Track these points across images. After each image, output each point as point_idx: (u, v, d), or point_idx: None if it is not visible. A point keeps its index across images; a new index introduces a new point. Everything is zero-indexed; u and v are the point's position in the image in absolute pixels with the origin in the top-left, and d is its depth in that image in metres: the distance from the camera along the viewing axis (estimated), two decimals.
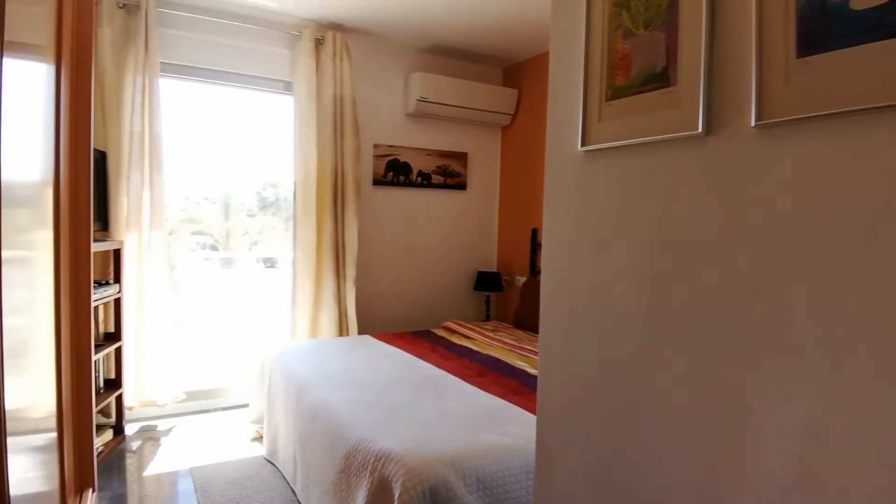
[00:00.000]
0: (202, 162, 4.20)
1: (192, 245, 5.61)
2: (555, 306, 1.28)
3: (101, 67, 3.14)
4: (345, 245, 3.78)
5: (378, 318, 4.14)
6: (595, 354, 1.16)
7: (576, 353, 1.21)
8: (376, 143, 4.07)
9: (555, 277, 1.28)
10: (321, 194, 3.68)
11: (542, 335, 1.31)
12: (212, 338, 4.81)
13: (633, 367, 1.07)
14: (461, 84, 4.13)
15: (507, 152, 4.58)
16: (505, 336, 3.42)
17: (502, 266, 4.61)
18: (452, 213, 4.46)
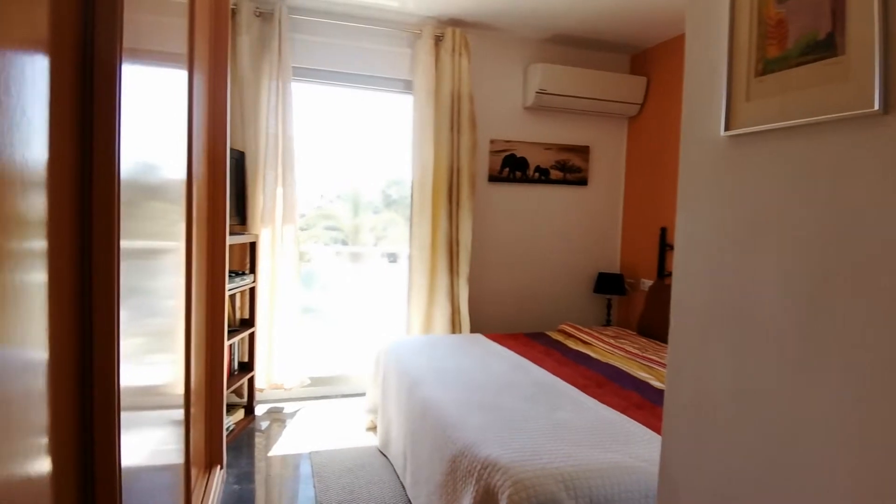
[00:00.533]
0: (332, 160, 4.42)
1: (325, 239, 5.98)
2: (687, 318, 1.11)
3: (240, 73, 3.39)
4: (459, 242, 3.76)
5: (491, 317, 4.08)
6: (734, 376, 0.98)
7: (711, 373, 1.04)
8: (493, 138, 4.00)
9: (688, 285, 1.11)
10: (437, 191, 3.69)
11: (671, 351, 1.14)
12: (337, 327, 5.04)
13: (781, 392, 0.88)
14: (584, 74, 3.92)
15: (635, 145, 4.28)
16: (627, 344, 3.19)
17: (626, 268, 4.32)
18: (572, 209, 4.26)
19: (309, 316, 5.39)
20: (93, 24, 0.81)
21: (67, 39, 0.75)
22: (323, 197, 6.41)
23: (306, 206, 7.45)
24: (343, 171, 4.64)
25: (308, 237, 6.80)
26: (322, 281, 5.34)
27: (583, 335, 3.41)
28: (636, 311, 4.17)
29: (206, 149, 2.31)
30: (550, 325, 4.15)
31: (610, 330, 3.60)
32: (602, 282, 4.16)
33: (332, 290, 5.56)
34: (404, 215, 4.74)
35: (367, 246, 5.69)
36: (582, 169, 4.24)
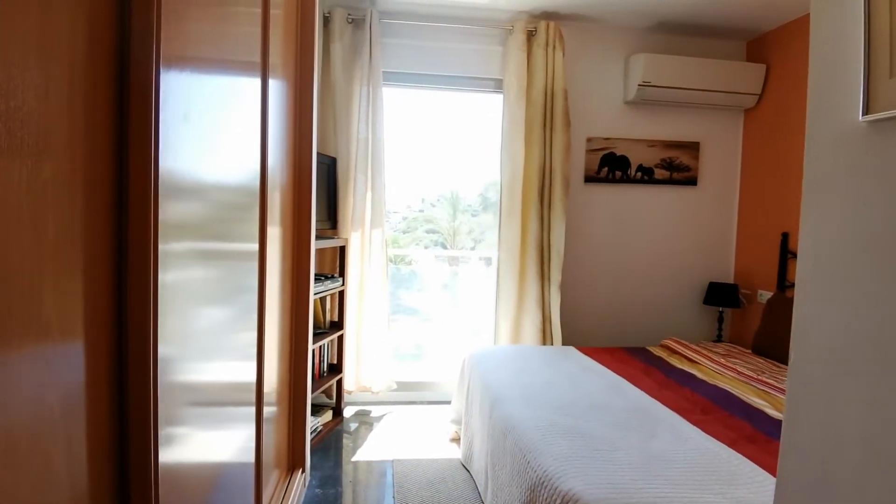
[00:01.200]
0: (426, 163, 4.42)
1: (426, 242, 6.01)
2: (812, 348, 0.89)
3: (332, 80, 3.45)
4: (550, 247, 3.56)
5: (585, 329, 3.82)
6: (869, 421, 0.75)
7: (840, 414, 0.81)
8: (590, 136, 3.75)
9: (814, 308, 0.89)
10: (527, 193, 3.52)
11: (791, 383, 0.92)
12: (428, 331, 5.03)
13: None
14: (693, 63, 3.56)
15: (752, 140, 3.83)
16: (740, 364, 2.82)
17: (741, 277, 3.88)
18: (679, 212, 3.90)
19: (405, 319, 5.43)
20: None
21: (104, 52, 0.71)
22: (424, 200, 6.46)
23: (407, 209, 7.53)
24: (439, 174, 4.63)
25: (410, 240, 6.85)
26: (420, 283, 5.36)
27: (689, 352, 3.07)
28: (751, 327, 3.72)
29: (292, 155, 2.34)
30: (652, 340, 3.82)
31: (720, 347, 3.22)
32: (713, 292, 3.76)
33: (430, 292, 5.57)
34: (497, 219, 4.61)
35: (464, 249, 5.65)
36: (691, 167, 3.86)
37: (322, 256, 3.52)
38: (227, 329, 1.31)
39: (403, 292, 6.29)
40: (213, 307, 1.21)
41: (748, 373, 2.62)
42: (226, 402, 1.35)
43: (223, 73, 1.22)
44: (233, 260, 1.36)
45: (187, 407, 1.03)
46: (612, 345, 3.78)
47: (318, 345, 3.11)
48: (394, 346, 3.60)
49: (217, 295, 1.22)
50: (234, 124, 1.31)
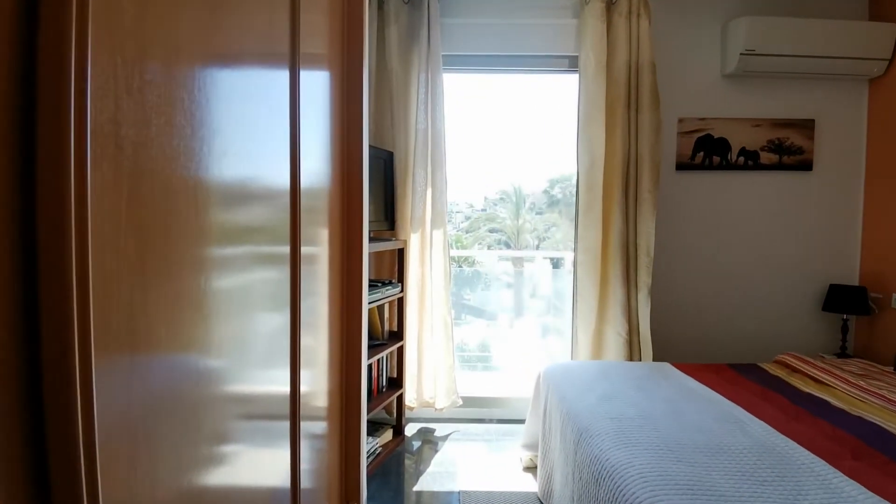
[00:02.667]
0: (490, 157, 4.07)
1: (489, 241, 5.75)
2: None
3: (388, 67, 3.15)
4: (637, 246, 3.10)
5: (680, 342, 3.33)
6: None
7: None
8: (681, 116, 3.25)
9: None
10: (609, 184, 3.08)
11: None
12: (494, 339, 4.67)
13: None
14: (806, 25, 2.99)
15: (880, 114, 3.20)
16: (884, 387, 2.27)
17: (869, 278, 3.25)
18: (791, 202, 3.32)
19: (470, 325, 5.10)
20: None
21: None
22: (487, 199, 6.18)
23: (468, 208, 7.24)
24: (503, 168, 4.28)
25: (473, 240, 6.55)
26: (485, 284, 5.06)
27: (815, 371, 2.54)
28: (887, 338, 3.10)
29: (339, 150, 2.05)
30: (763, 354, 3.27)
31: (852, 364, 2.66)
32: (835, 297, 3.17)
33: (496, 295, 5.25)
34: (568, 216, 4.23)
35: (529, 249, 5.32)
36: (804, 149, 3.28)
37: (379, 260, 3.23)
38: (256, 338, 1.03)
39: (468, 294, 5.96)
40: (236, 315, 0.93)
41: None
42: (244, 416, 1.06)
43: (229, 67, 0.91)
44: (263, 265, 1.09)
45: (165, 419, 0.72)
46: (714, 360, 3.27)
47: (375, 358, 2.82)
48: (458, 354, 3.26)
49: (240, 302, 0.94)
50: (250, 123, 1.02)
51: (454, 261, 6.77)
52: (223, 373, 0.77)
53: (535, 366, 2.90)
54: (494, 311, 6.35)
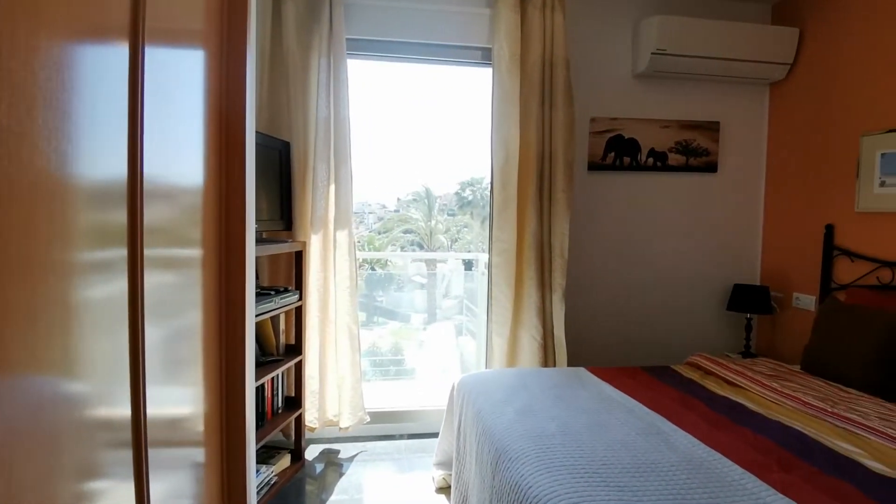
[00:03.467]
0: (402, 157, 3.82)
1: (403, 242, 5.52)
2: None
3: (285, 49, 2.81)
4: (552, 247, 2.98)
5: (592, 344, 3.25)
6: None
7: None
8: (594, 115, 3.18)
9: None
10: (523, 183, 2.93)
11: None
12: (408, 344, 4.42)
13: None
14: (715, 27, 3.01)
15: (780, 118, 3.30)
16: (797, 388, 2.27)
17: (770, 278, 3.34)
18: (697, 203, 3.35)
19: (381, 330, 4.79)
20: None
21: None
22: (400, 200, 5.91)
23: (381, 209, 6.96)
24: (416, 168, 4.05)
25: (387, 241, 6.25)
26: (398, 287, 4.81)
27: (727, 372, 2.51)
28: (787, 337, 3.19)
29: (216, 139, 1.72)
30: (673, 355, 3.26)
31: (761, 364, 2.67)
32: (739, 296, 3.22)
33: (407, 298, 5.01)
34: (479, 218, 4.07)
35: (443, 249, 5.13)
36: (710, 151, 3.32)
37: (275, 265, 2.88)
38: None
39: (381, 295, 5.70)
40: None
41: (816, 403, 2.07)
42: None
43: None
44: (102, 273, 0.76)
45: None
46: (626, 362, 3.22)
47: (269, 376, 2.48)
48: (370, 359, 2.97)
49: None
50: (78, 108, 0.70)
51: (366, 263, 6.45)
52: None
53: (448, 372, 2.69)
54: (408, 313, 6.11)
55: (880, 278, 2.62)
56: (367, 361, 4.93)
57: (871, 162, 2.66)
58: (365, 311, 7.49)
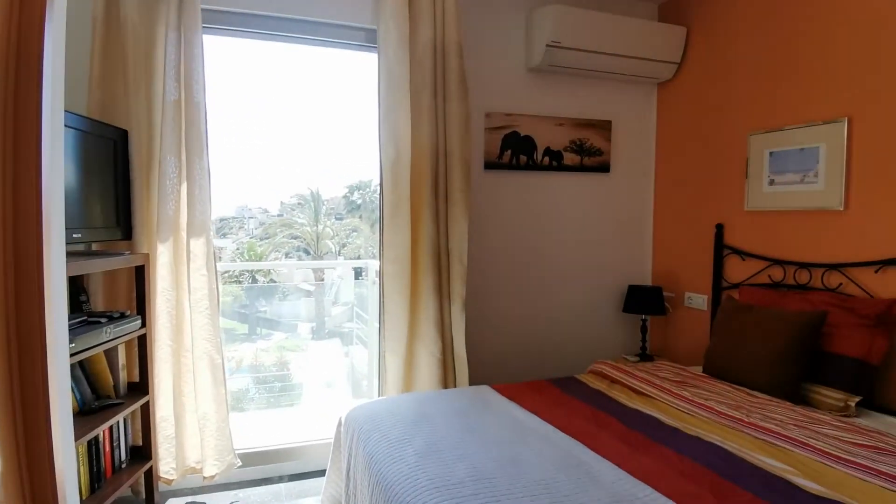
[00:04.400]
0: (286, 156, 3.35)
1: (288, 249, 5.09)
2: None
3: (122, 19, 2.27)
4: (450, 253, 2.70)
5: (493, 356, 3.03)
6: None
7: None
8: (488, 111, 2.96)
9: None
10: (417, 182, 2.63)
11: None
12: (294, 357, 3.94)
13: None
14: (607, 21, 2.92)
15: (668, 118, 3.31)
16: (708, 396, 2.18)
17: (662, 278, 3.34)
18: (592, 204, 3.26)
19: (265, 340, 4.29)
20: None
21: None
22: (283, 204, 5.54)
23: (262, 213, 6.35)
24: (301, 169, 3.60)
25: (270, 247, 5.79)
26: (282, 296, 4.33)
27: (633, 381, 2.39)
28: (681, 337, 3.19)
29: None
30: (576, 362, 3.14)
31: (664, 369, 2.59)
32: (634, 297, 3.17)
33: (292, 307, 4.53)
34: (368, 221, 3.71)
35: (331, 255, 4.71)
36: (603, 151, 3.24)
37: (113, 284, 2.31)
38: None
39: (263, 308, 5.16)
40: None
41: (730, 412, 1.97)
42: None
43: None
44: None
45: None
46: (529, 373, 3.03)
47: (106, 425, 1.94)
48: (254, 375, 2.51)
49: None
50: None
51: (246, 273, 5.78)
52: None
53: (336, 387, 2.30)
54: (293, 323, 5.57)
55: (772, 276, 2.66)
56: (248, 380, 4.38)
57: (760, 161, 2.69)
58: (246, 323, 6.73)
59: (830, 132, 2.37)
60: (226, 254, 6.65)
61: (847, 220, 2.32)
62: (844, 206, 2.32)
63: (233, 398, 3.19)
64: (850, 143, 2.30)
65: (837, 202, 2.34)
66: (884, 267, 2.17)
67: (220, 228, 7.16)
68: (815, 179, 2.44)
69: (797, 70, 2.52)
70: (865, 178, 2.25)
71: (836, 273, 2.36)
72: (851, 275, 2.30)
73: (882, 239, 2.19)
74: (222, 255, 6.33)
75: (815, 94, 2.44)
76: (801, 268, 2.51)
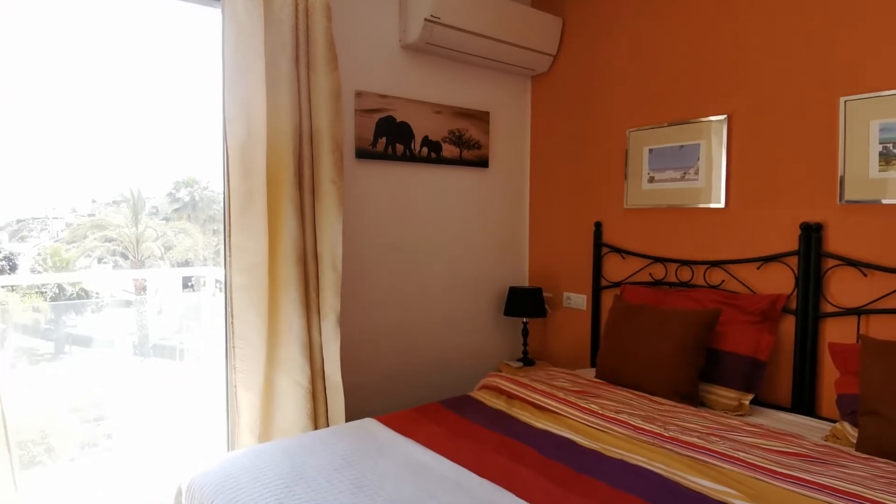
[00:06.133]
0: (98, 144, 2.60)
1: (101, 253, 4.27)
2: None
3: None
4: (320, 258, 2.24)
5: (368, 375, 2.62)
6: None
7: None
8: (359, 89, 2.54)
9: None
10: (276, 169, 2.12)
11: None
12: (113, 385, 3.17)
13: None
14: (491, 3, 2.68)
15: (543, 112, 3.18)
16: (618, 408, 2.00)
17: (539, 278, 3.20)
18: (472, 200, 3.02)
19: (74, 358, 3.45)
20: None
21: None
22: (96, 202, 4.72)
23: (71, 213, 5.25)
24: (117, 162, 2.85)
25: (79, 252, 4.90)
26: (96, 307, 3.53)
27: (532, 394, 2.15)
28: (561, 339, 3.08)
29: None
30: (460, 374, 2.87)
31: (558, 376, 2.39)
32: (514, 300, 2.98)
33: (108, 321, 3.71)
34: (198, 222, 3.13)
35: (153, 259, 4.01)
36: (482, 144, 3.00)
37: None
38: None
39: (72, 323, 4.22)
40: None
41: (646, 426, 1.80)
42: None
43: None
44: None
45: None
46: (411, 393, 2.68)
47: None
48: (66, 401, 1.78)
49: None
50: None
51: (47, 285, 4.64)
52: None
53: (170, 471, 1.72)
54: (111, 338, 4.66)
55: (653, 274, 2.62)
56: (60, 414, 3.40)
57: (640, 157, 2.64)
58: (52, 341, 5.44)
59: (711, 129, 2.36)
60: (25, 260, 5.33)
61: (728, 216, 2.33)
62: (725, 204, 2.33)
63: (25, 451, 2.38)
64: (730, 141, 2.31)
65: (718, 199, 2.34)
66: (765, 263, 2.20)
67: (18, 231, 5.77)
68: (695, 177, 2.43)
69: (677, 65, 2.50)
70: (745, 175, 2.27)
71: (718, 270, 2.36)
72: (733, 271, 2.31)
73: (762, 235, 2.22)
74: (19, 261, 5.12)
75: (696, 90, 2.43)
76: (682, 265, 2.49)
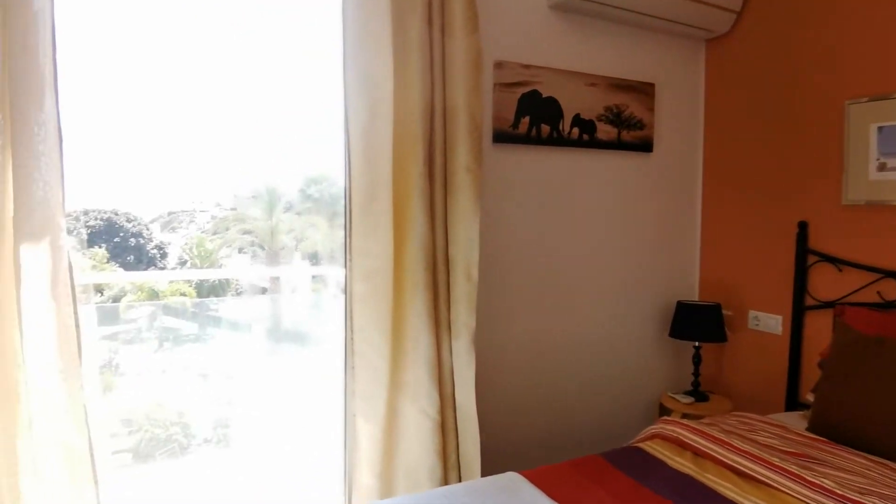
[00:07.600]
0: (235, 139, 2.43)
1: (241, 244, 4.27)
2: None
3: None
4: (453, 264, 1.85)
5: (504, 406, 2.19)
6: None
7: None
8: (499, 58, 2.11)
9: None
10: (402, 159, 1.75)
11: None
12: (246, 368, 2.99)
13: None
14: None
15: (722, 82, 2.54)
16: (860, 483, 1.40)
17: (714, 292, 2.58)
18: (630, 193, 2.47)
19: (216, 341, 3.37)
20: None
21: None
22: (237, 196, 4.73)
23: (216, 207, 5.30)
24: (253, 156, 2.67)
25: (221, 242, 4.95)
26: (235, 292, 3.44)
27: (727, 453, 1.58)
28: (743, 369, 2.44)
29: None
30: (614, 410, 2.37)
31: (763, 430, 1.79)
32: (683, 318, 2.39)
33: (247, 305, 3.62)
34: (325, 216, 2.87)
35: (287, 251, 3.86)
36: (645, 124, 2.44)
37: None
38: None
39: (214, 307, 4.22)
40: None
41: None
42: None
43: None
44: None
45: None
46: (554, 430, 2.22)
47: None
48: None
49: None
50: None
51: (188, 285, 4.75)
52: None
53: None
54: (248, 324, 4.78)
55: (882, 294, 1.92)
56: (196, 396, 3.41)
57: (865, 138, 1.97)
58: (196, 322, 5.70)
59: None
60: (174, 249, 5.69)
61: None
62: None
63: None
64: None
65: None
66: None
67: (169, 222, 6.05)
68: None
69: None
70: None
71: None
72: None
73: None
74: (169, 250, 5.45)
75: None
76: None
